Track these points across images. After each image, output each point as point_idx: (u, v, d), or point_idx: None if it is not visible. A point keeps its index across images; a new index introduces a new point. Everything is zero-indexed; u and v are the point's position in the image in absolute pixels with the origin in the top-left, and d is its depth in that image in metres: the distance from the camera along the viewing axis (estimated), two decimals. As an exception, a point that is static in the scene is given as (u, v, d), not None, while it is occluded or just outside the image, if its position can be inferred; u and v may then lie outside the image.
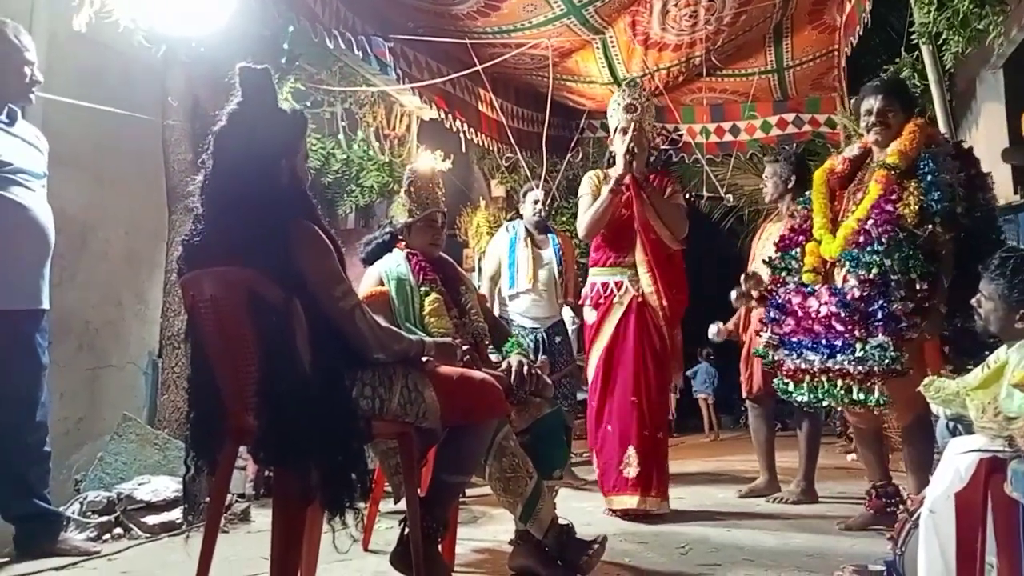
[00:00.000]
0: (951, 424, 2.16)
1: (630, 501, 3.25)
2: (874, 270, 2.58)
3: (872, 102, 2.84)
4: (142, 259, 4.06)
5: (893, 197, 2.64)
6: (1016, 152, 4.69)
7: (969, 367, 2.54)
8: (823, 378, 2.67)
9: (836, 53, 4.79)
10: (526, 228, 4.39)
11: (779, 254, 2.97)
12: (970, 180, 2.67)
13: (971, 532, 1.50)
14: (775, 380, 2.92)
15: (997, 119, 4.92)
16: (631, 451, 3.27)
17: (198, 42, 3.43)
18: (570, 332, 4.48)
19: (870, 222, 2.64)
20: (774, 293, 2.90)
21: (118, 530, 2.89)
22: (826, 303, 2.65)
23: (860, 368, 2.55)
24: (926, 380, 2.00)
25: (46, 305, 2.71)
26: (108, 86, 3.66)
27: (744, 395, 4.04)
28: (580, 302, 3.81)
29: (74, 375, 3.66)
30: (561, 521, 2.31)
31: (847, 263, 2.68)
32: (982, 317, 2.09)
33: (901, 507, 2.61)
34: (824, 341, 2.64)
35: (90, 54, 3.55)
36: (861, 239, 2.65)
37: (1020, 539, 1.44)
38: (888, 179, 2.68)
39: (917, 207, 2.59)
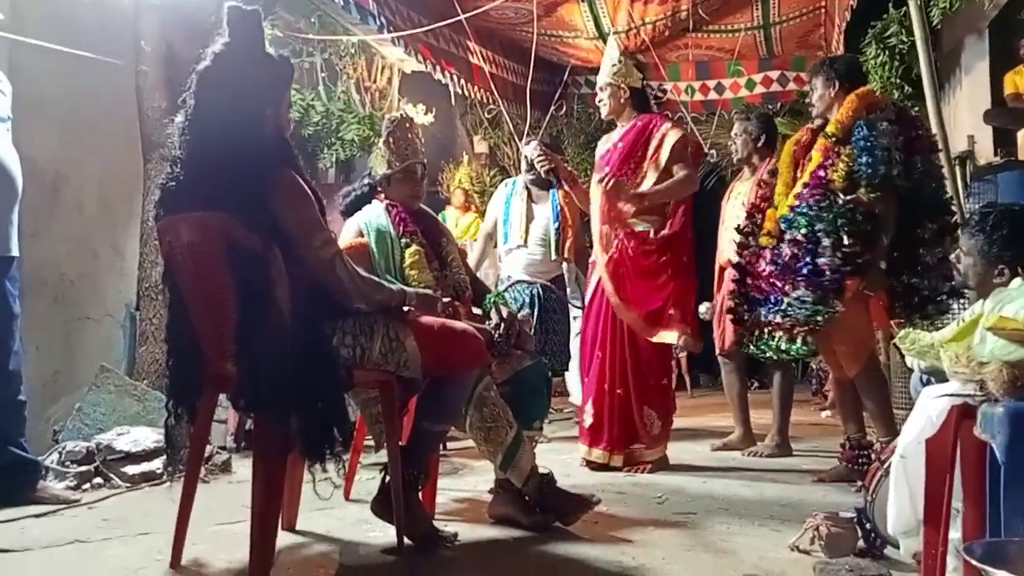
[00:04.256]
0: (924, 377, 2.20)
1: (583, 450, 3.40)
2: (803, 230, 2.80)
3: (811, 82, 3.12)
4: (117, 209, 3.99)
5: (828, 163, 2.87)
6: (998, 114, 4.72)
7: (916, 321, 2.78)
8: (765, 331, 2.94)
9: (823, 10, 4.74)
10: (525, 184, 4.31)
11: (748, 219, 3.17)
12: (909, 143, 2.83)
13: (940, 478, 1.54)
14: (744, 339, 3.13)
15: (981, 80, 4.93)
16: (590, 403, 3.38)
17: (171, -15, 3.32)
18: (569, 290, 4.41)
19: (805, 187, 2.88)
20: (742, 256, 3.13)
21: (98, 480, 2.88)
22: (769, 262, 2.93)
23: (786, 320, 2.82)
24: (902, 332, 2.04)
25: (15, 252, 2.63)
26: (78, 30, 3.54)
27: (717, 352, 4.09)
28: (555, 259, 4.04)
29: (50, 328, 3.62)
30: (541, 470, 2.34)
31: (783, 225, 2.92)
32: (960, 272, 2.11)
33: (874, 457, 2.67)
34: (764, 297, 2.93)
35: (59, -4, 3.43)
36: (796, 203, 2.88)
37: (986, 486, 1.48)
38: (826, 147, 2.90)
39: (845, 171, 2.81)
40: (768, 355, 3.08)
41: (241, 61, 1.82)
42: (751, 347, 3.09)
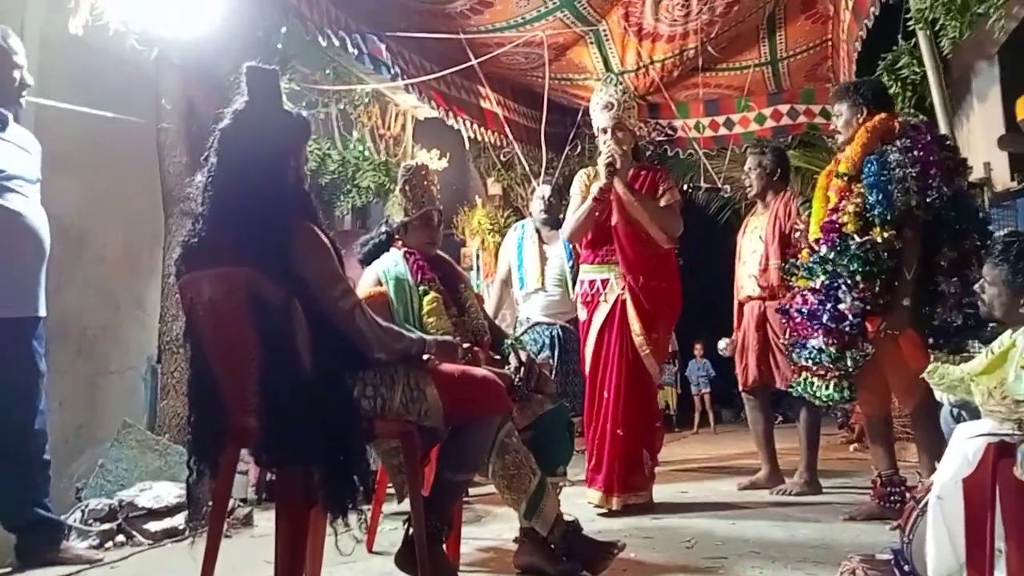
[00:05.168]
0: (955, 411, 2.15)
1: (592, 495, 3.35)
2: (822, 278, 2.78)
3: (835, 108, 3.03)
4: (139, 264, 4.04)
5: (841, 205, 2.80)
6: (1012, 139, 4.69)
7: (945, 355, 2.66)
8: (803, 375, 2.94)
9: (830, 43, 4.77)
10: (535, 226, 4.34)
11: (790, 260, 3.14)
12: (924, 170, 2.70)
13: (980, 518, 1.49)
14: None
15: (994, 106, 4.91)
16: (597, 447, 3.36)
17: (190, 44, 3.41)
18: None
19: (822, 232, 2.84)
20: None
21: (120, 537, 2.87)
22: (796, 308, 2.93)
23: (816, 366, 2.83)
24: (930, 367, 2.00)
25: (43, 312, 2.68)
26: (101, 89, 3.63)
27: (740, 388, 4.04)
28: (573, 299, 3.88)
29: (73, 382, 3.63)
30: (566, 517, 2.29)
31: (804, 273, 2.89)
32: (985, 303, 2.08)
33: (908, 495, 2.60)
34: (795, 341, 2.95)
35: (82, 57, 3.53)
36: (814, 249, 2.87)
37: (1029, 525, 1.43)
38: (840, 188, 2.83)
39: (855, 212, 2.74)
40: (815, 397, 2.99)
41: (261, 119, 1.86)
42: (797, 388, 3.02)
